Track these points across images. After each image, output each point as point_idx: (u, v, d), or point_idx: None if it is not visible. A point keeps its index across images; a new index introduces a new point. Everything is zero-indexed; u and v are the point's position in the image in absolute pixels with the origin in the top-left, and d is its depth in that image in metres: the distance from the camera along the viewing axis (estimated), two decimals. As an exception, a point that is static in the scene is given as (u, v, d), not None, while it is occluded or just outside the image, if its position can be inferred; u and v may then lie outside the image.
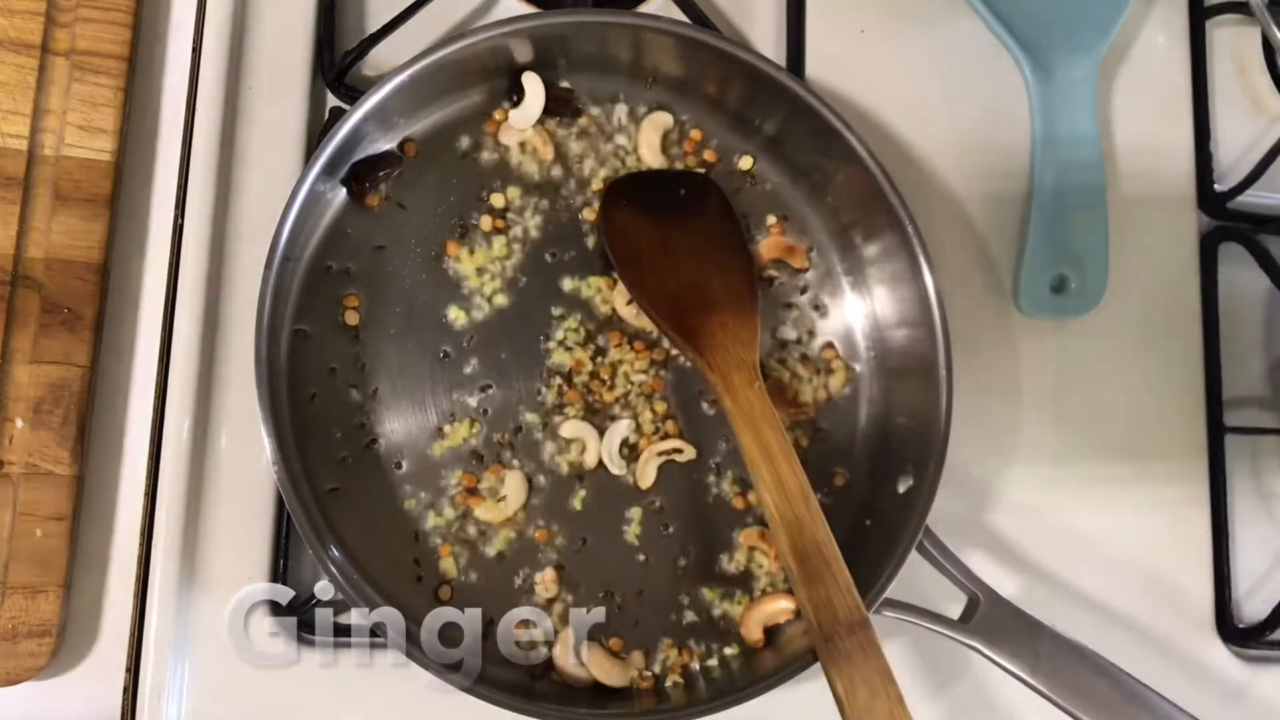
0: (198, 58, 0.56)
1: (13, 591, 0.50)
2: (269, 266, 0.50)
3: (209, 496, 0.54)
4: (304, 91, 0.58)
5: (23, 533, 0.50)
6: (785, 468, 0.53)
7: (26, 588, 0.50)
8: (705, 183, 0.59)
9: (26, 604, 0.50)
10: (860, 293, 0.60)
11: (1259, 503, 0.65)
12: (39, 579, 0.50)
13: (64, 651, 0.52)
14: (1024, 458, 0.62)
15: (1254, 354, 0.66)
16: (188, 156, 0.54)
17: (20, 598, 0.50)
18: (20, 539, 0.50)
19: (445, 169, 0.57)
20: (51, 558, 0.51)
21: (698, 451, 0.57)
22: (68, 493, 0.51)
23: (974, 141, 0.64)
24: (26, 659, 0.50)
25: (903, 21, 0.65)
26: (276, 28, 0.58)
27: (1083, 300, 0.62)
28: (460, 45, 0.53)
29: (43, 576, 0.50)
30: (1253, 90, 0.69)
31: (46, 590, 0.50)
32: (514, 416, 0.56)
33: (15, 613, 0.50)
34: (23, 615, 0.50)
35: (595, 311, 0.57)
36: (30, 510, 0.51)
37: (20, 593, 0.50)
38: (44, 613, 0.50)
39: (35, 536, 0.51)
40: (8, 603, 0.50)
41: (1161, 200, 0.66)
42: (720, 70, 0.57)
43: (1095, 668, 0.52)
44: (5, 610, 0.50)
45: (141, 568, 0.52)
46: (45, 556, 0.51)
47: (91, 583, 0.53)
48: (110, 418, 0.54)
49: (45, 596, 0.50)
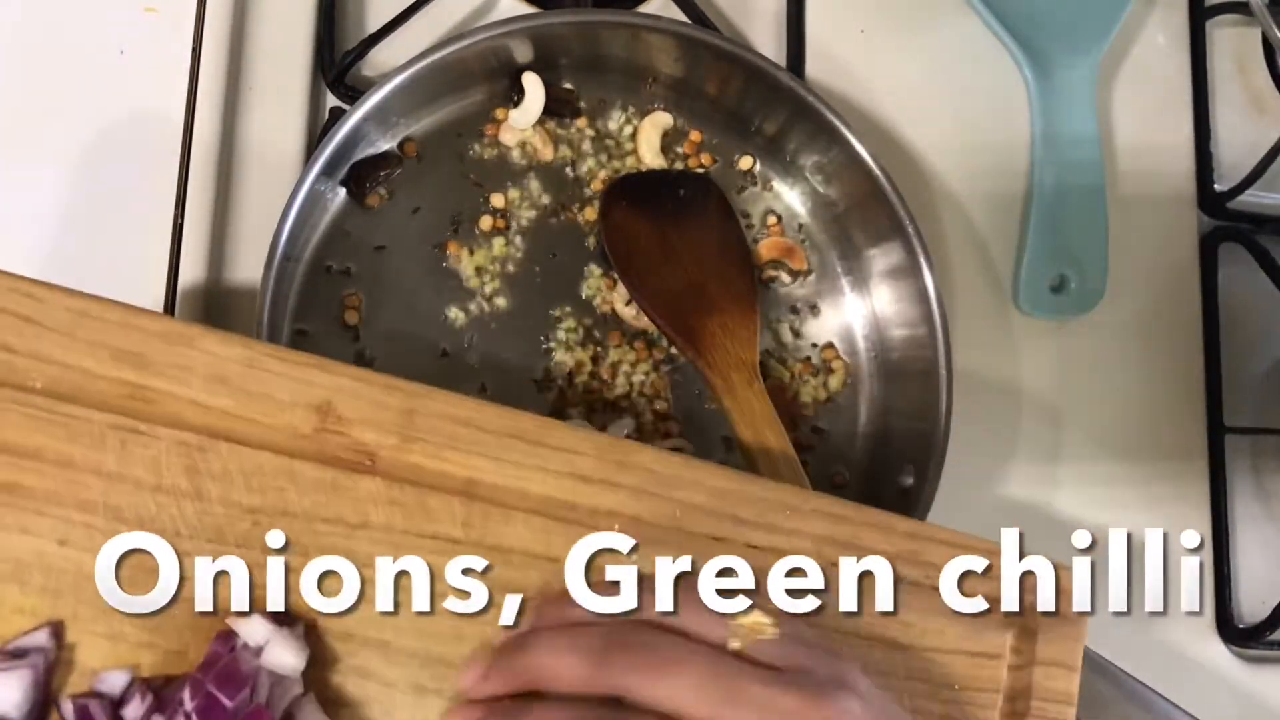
0: (198, 58, 0.56)
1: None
2: (269, 266, 0.50)
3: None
4: (304, 91, 0.58)
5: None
6: (785, 468, 0.53)
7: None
8: (705, 183, 0.59)
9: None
10: (860, 293, 0.60)
11: (1259, 503, 0.65)
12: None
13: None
14: (1024, 457, 0.62)
15: (1254, 354, 0.66)
16: (188, 156, 0.54)
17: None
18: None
19: (445, 169, 0.57)
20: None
21: (698, 451, 0.57)
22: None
23: (974, 141, 0.64)
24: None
25: (903, 21, 0.65)
26: (276, 28, 0.58)
27: (1083, 300, 0.62)
28: (460, 45, 0.53)
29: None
30: (1253, 90, 0.69)
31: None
32: (514, 416, 0.56)
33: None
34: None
35: (595, 311, 0.57)
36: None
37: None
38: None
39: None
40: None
41: (1161, 200, 0.66)
42: (720, 70, 0.57)
43: (1095, 667, 0.52)
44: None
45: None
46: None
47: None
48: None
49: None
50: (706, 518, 0.44)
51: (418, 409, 0.43)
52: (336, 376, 0.42)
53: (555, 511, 0.43)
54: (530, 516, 0.43)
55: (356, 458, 0.42)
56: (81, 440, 0.40)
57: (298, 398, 0.42)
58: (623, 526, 0.44)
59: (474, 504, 0.43)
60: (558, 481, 0.43)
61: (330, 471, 0.42)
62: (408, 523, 0.42)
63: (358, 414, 0.42)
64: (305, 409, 0.42)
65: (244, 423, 0.41)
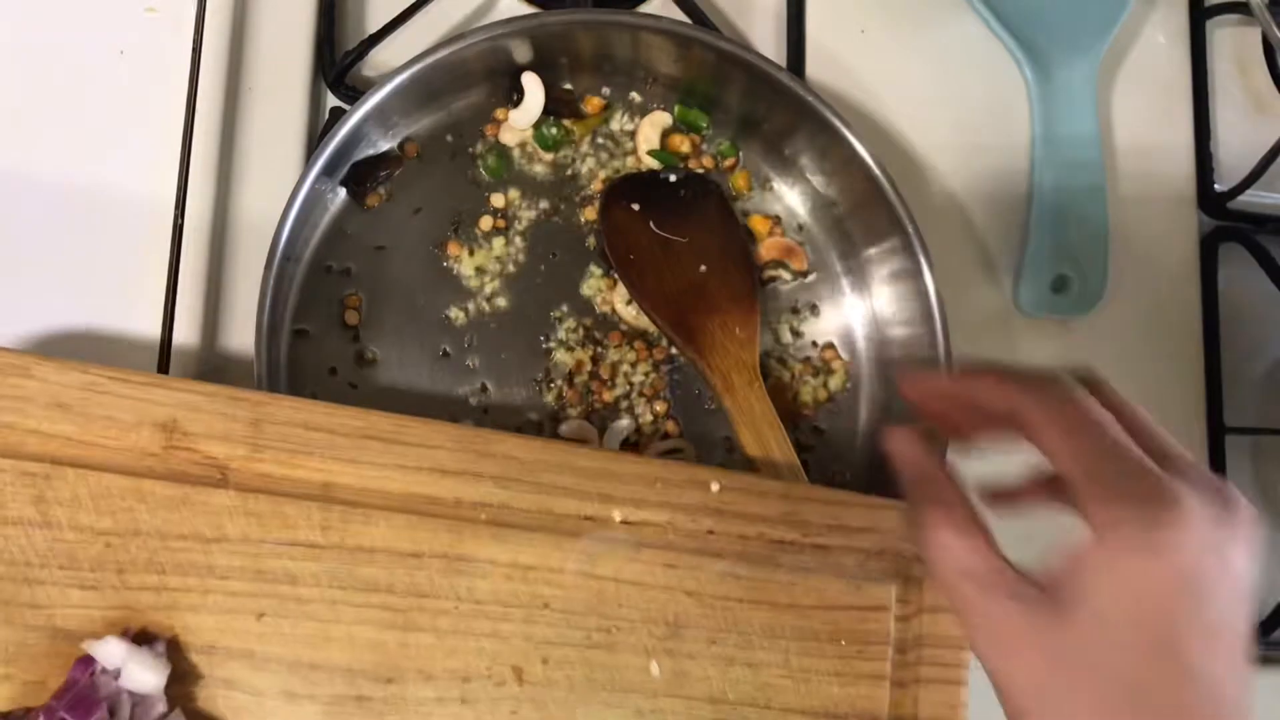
0: (198, 57, 0.55)
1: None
2: (269, 266, 0.50)
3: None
4: (304, 91, 0.58)
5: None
6: (785, 467, 0.53)
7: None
8: (705, 182, 0.59)
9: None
10: (860, 293, 0.60)
11: (1259, 503, 0.65)
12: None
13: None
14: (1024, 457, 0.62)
15: (1254, 354, 0.66)
16: (188, 156, 0.54)
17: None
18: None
19: (445, 169, 0.57)
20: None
21: (698, 452, 0.57)
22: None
23: (974, 141, 0.64)
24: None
25: (903, 21, 0.65)
26: (276, 28, 0.58)
27: (1083, 300, 0.62)
28: (460, 45, 0.53)
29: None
30: (1253, 90, 0.69)
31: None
32: (514, 416, 0.56)
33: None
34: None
35: (595, 311, 0.57)
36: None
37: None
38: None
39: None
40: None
41: (1161, 200, 0.66)
42: (720, 70, 0.57)
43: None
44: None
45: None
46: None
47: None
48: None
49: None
50: (574, 498, 0.45)
51: (265, 418, 0.43)
52: (179, 393, 0.42)
53: (417, 507, 0.43)
54: (392, 514, 0.43)
55: (207, 472, 0.42)
56: None
57: (142, 417, 0.42)
58: (490, 516, 0.44)
59: (333, 507, 0.43)
60: (417, 476, 0.43)
61: (181, 488, 0.42)
62: (265, 532, 0.42)
63: (204, 428, 0.42)
64: (150, 428, 0.42)
65: (88, 447, 0.41)
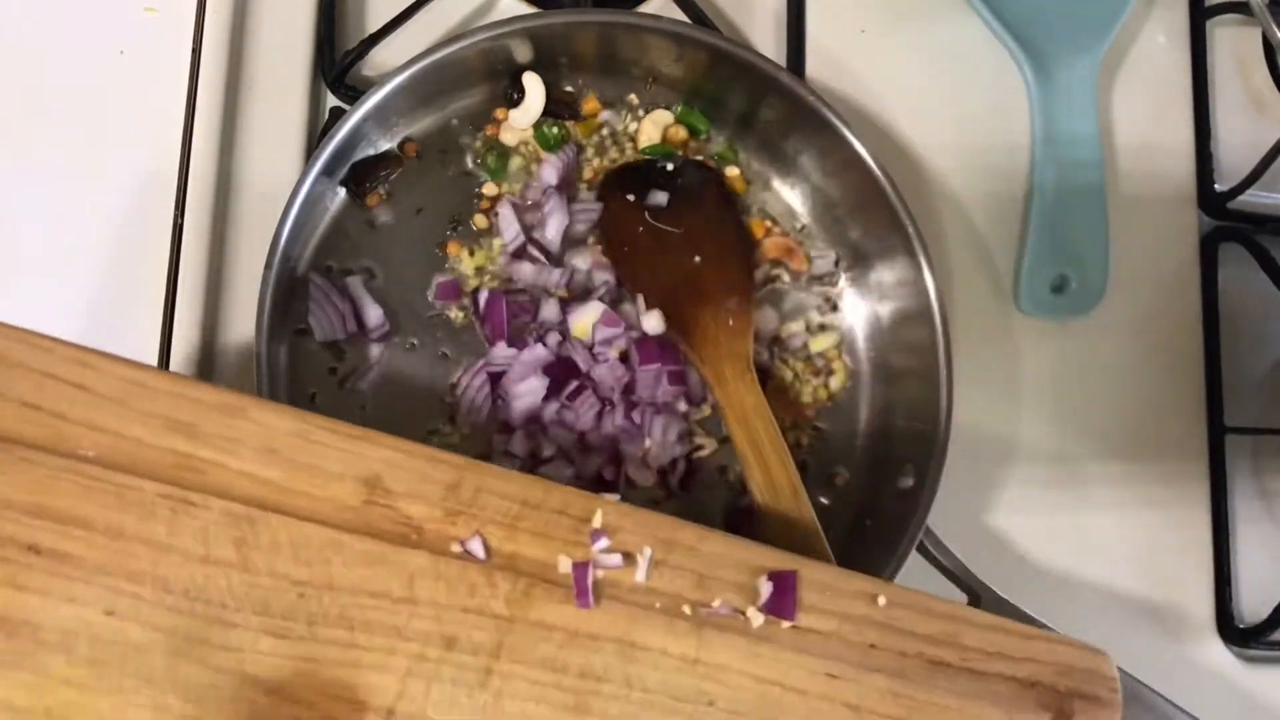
0: (198, 58, 0.55)
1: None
2: (269, 266, 0.50)
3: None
4: (304, 91, 0.58)
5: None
6: (774, 460, 0.53)
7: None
8: (704, 170, 0.59)
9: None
10: (860, 293, 0.60)
11: (1259, 503, 0.65)
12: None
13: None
14: (1024, 457, 0.62)
15: (1254, 354, 0.66)
16: (188, 156, 0.54)
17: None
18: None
19: (445, 169, 0.57)
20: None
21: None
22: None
23: (974, 141, 0.64)
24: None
25: (903, 21, 0.65)
26: (276, 28, 0.58)
27: (1083, 300, 0.62)
28: (460, 45, 0.53)
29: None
30: (1253, 90, 0.69)
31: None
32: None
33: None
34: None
35: (595, 311, 0.57)
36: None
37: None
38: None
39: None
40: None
41: (1161, 200, 0.66)
42: (720, 70, 0.57)
43: (1095, 668, 0.52)
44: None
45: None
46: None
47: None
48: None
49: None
50: (741, 594, 0.44)
51: (463, 483, 0.43)
52: (384, 449, 0.42)
53: (599, 590, 0.43)
54: (571, 592, 0.43)
55: (403, 531, 0.42)
56: (132, 510, 0.40)
57: (346, 470, 0.42)
58: (664, 605, 0.43)
59: (519, 580, 0.42)
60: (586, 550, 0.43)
61: (378, 544, 0.41)
62: (452, 598, 0.42)
63: (405, 487, 0.42)
64: (354, 481, 0.42)
65: (292, 494, 0.41)
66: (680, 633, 0.43)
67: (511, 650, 0.42)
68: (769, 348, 0.59)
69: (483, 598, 0.42)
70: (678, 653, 0.43)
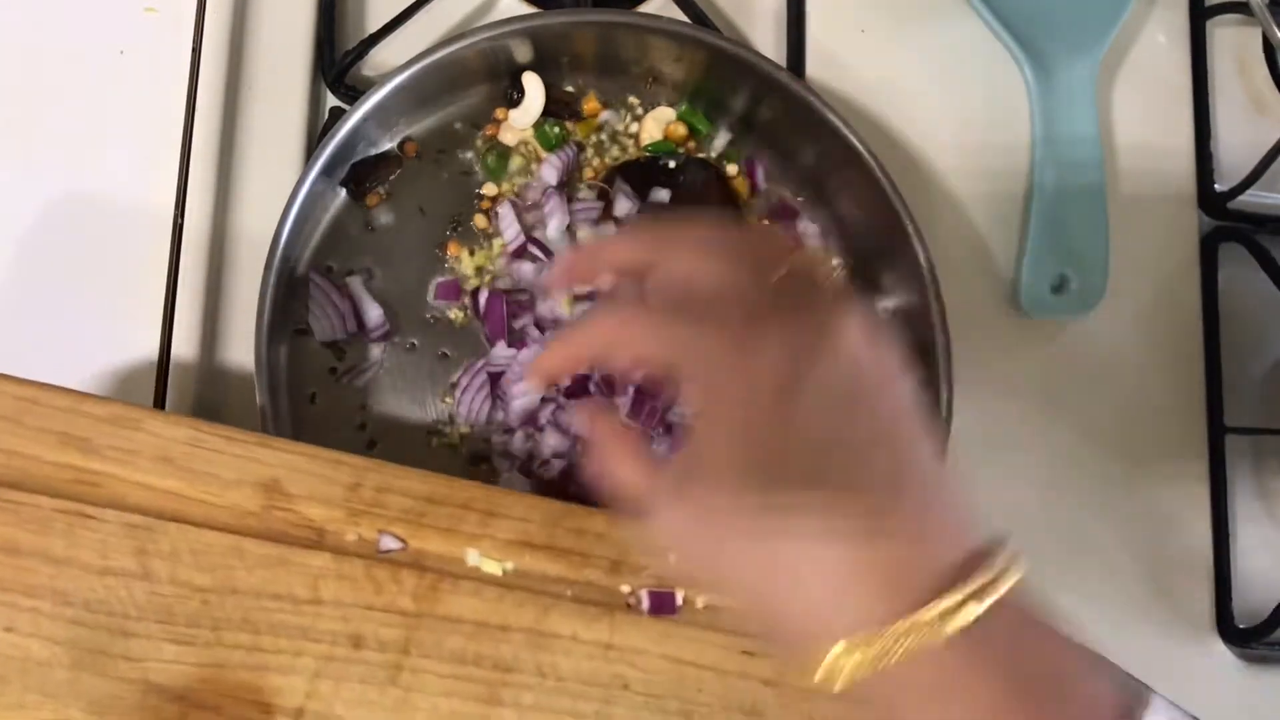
0: (198, 58, 0.55)
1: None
2: (269, 267, 0.50)
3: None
4: (304, 91, 0.58)
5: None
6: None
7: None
8: (704, 168, 0.59)
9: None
10: (860, 293, 0.60)
11: (1259, 503, 0.65)
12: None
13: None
14: (1024, 458, 0.62)
15: (1254, 354, 0.66)
16: (188, 156, 0.54)
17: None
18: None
19: (445, 169, 0.57)
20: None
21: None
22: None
23: (974, 141, 0.64)
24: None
25: (903, 21, 0.65)
26: (276, 28, 0.58)
27: (1083, 300, 0.62)
28: (460, 45, 0.53)
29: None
30: (1253, 90, 0.69)
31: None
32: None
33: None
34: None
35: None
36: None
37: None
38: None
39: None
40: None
41: (1161, 200, 0.66)
42: (720, 70, 0.57)
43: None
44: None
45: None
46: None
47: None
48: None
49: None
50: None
51: (364, 483, 0.43)
52: (283, 454, 0.43)
53: (507, 580, 0.43)
54: (482, 586, 0.43)
55: (304, 533, 0.42)
56: (28, 526, 0.40)
57: (244, 476, 0.42)
58: (575, 593, 0.44)
59: (425, 575, 0.43)
60: (507, 550, 0.44)
61: (279, 548, 0.42)
62: (357, 596, 0.42)
63: (305, 490, 0.43)
64: (252, 487, 0.42)
65: (191, 502, 0.42)
66: (591, 618, 0.44)
67: (420, 645, 0.42)
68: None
69: (389, 595, 0.42)
70: (590, 638, 0.44)
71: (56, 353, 0.53)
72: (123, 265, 0.55)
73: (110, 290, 0.55)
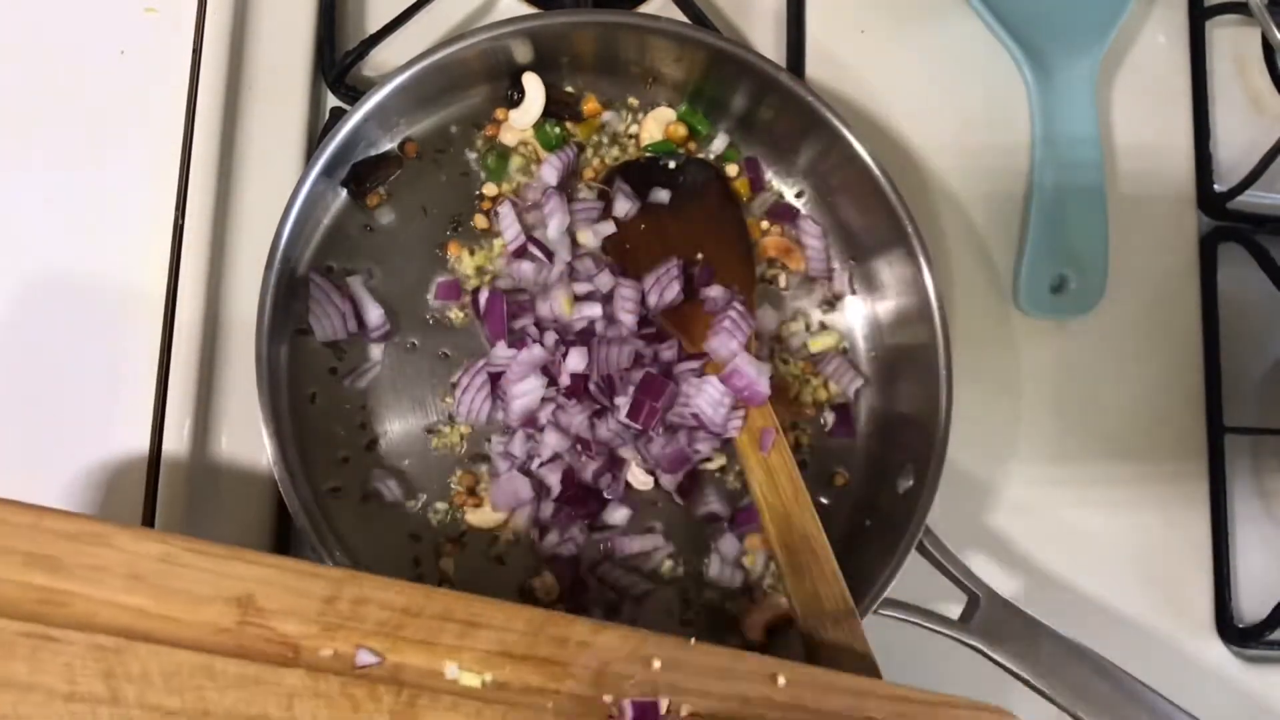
0: (198, 58, 0.55)
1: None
2: (269, 267, 0.50)
3: (209, 497, 0.54)
4: (304, 92, 0.58)
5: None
6: (775, 458, 0.53)
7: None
8: (705, 167, 0.59)
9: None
10: (860, 293, 0.60)
11: (1259, 503, 0.65)
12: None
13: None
14: (1024, 458, 0.62)
15: (1254, 354, 0.66)
16: (188, 156, 0.54)
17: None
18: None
19: (445, 169, 0.57)
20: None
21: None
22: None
23: (974, 141, 0.64)
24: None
25: (903, 21, 0.65)
26: (276, 28, 0.58)
27: (1083, 300, 0.62)
28: (460, 45, 0.53)
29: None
30: (1253, 90, 0.69)
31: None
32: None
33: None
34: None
35: (595, 311, 0.57)
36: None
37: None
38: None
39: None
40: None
41: (1161, 200, 0.66)
42: (720, 70, 0.57)
43: (1095, 667, 0.52)
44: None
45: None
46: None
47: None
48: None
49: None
50: (640, 689, 0.43)
51: (340, 595, 0.41)
52: (256, 567, 0.41)
53: (484, 693, 0.42)
54: (459, 700, 0.41)
55: (279, 650, 0.40)
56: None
57: (217, 591, 0.40)
58: (555, 705, 0.42)
59: (402, 691, 0.41)
60: (488, 661, 0.42)
61: (253, 666, 0.40)
62: (332, 715, 0.40)
63: (279, 604, 0.41)
64: (225, 602, 0.40)
65: (161, 621, 0.40)
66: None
67: None
68: (769, 347, 0.59)
69: (366, 713, 0.40)
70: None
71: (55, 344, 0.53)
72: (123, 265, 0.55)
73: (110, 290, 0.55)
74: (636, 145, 0.59)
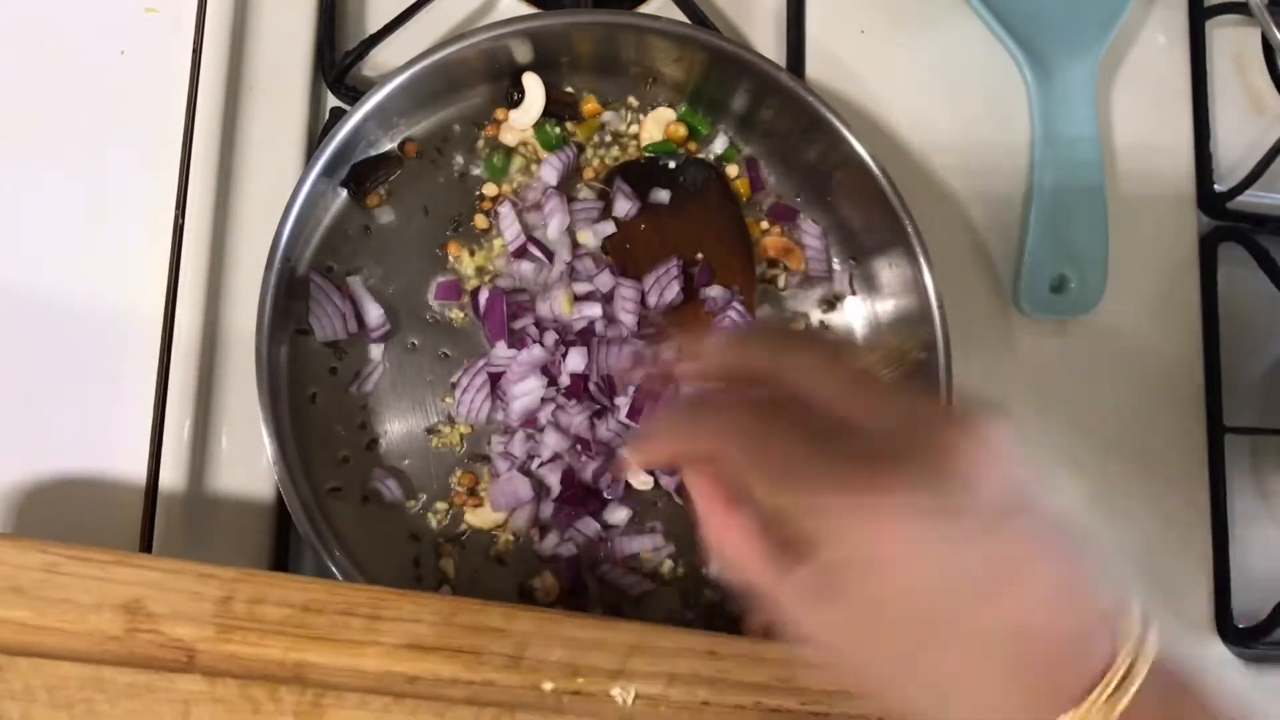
0: (198, 58, 0.55)
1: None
2: (269, 267, 0.50)
3: (209, 497, 0.54)
4: (304, 92, 0.58)
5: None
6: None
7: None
8: (704, 168, 0.59)
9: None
10: (860, 293, 0.60)
11: (1259, 503, 0.65)
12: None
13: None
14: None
15: (1254, 354, 0.66)
16: (188, 156, 0.54)
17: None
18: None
19: (445, 169, 0.57)
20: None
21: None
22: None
23: (974, 141, 0.64)
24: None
25: (903, 21, 0.65)
26: (276, 28, 0.58)
27: (1083, 300, 0.62)
28: (460, 45, 0.53)
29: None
30: (1253, 90, 0.69)
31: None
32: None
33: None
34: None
35: (595, 311, 0.57)
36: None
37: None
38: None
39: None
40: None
41: (1161, 200, 0.66)
42: (720, 71, 0.57)
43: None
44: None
45: (142, 568, 0.52)
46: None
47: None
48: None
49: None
50: (562, 673, 0.42)
51: (235, 595, 0.40)
52: (144, 571, 0.39)
53: (396, 687, 0.40)
54: (368, 696, 0.40)
55: (172, 655, 0.39)
56: None
57: (104, 599, 0.39)
58: (469, 695, 0.41)
59: (306, 690, 0.40)
60: (395, 654, 0.40)
61: (144, 674, 0.39)
62: (233, 718, 0.39)
63: (170, 608, 0.39)
64: (112, 610, 0.39)
65: (44, 633, 0.38)
66: (490, 719, 0.41)
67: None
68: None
69: (267, 714, 0.39)
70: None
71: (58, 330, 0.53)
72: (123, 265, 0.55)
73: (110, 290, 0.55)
74: (636, 145, 0.59)
